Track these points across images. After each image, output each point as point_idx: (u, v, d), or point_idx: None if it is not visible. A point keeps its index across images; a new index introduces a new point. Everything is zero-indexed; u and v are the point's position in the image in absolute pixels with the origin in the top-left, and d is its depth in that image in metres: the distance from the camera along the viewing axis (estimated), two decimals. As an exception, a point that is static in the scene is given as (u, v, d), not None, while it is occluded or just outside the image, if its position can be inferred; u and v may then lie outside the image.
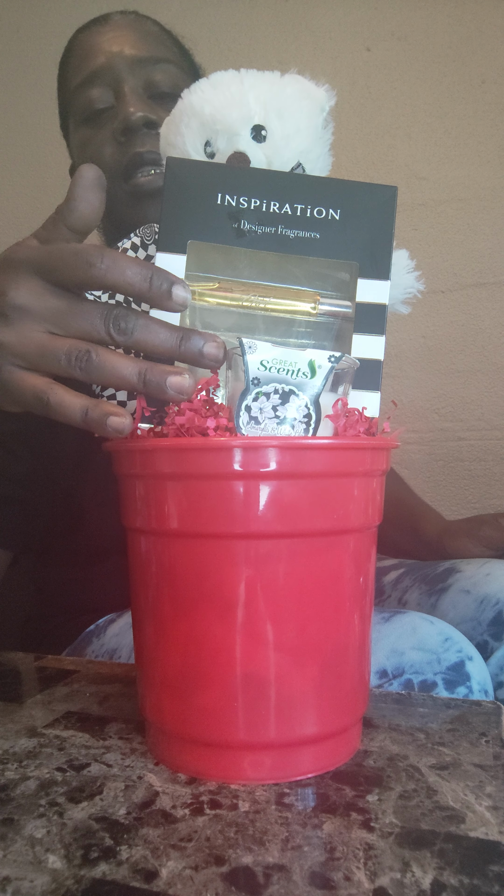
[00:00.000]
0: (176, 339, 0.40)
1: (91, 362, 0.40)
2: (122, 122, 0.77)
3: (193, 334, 0.41)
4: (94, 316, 0.40)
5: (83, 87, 0.81)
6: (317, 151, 0.52)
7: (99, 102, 0.80)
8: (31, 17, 1.43)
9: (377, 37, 1.29)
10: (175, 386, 0.40)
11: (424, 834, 0.35)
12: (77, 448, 0.69)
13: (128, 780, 0.40)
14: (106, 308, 0.40)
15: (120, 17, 0.84)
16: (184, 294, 0.41)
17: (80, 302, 0.41)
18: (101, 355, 0.40)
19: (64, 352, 0.40)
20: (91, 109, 0.81)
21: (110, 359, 0.40)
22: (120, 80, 0.79)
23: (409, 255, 0.51)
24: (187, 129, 0.51)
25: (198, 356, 0.41)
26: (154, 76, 0.80)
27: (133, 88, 0.79)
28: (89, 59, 0.81)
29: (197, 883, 0.31)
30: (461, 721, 0.47)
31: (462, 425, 1.31)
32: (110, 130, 0.79)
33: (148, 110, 0.77)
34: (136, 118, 0.76)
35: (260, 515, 0.38)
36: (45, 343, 0.41)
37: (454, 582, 0.75)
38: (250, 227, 0.47)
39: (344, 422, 0.41)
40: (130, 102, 0.78)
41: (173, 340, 0.40)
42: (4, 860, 0.33)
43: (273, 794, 0.39)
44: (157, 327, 0.40)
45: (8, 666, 0.61)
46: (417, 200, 1.30)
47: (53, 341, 0.40)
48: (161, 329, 0.41)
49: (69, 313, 0.40)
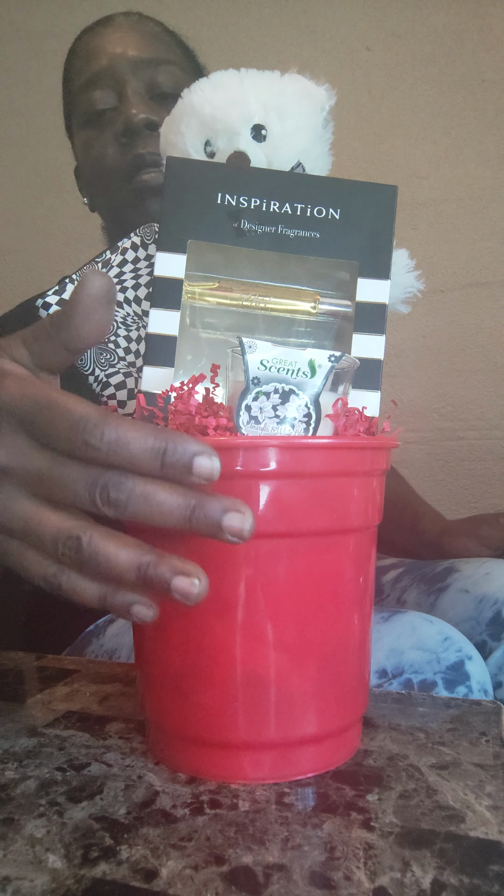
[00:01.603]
0: (186, 511, 0.32)
1: (81, 551, 0.32)
2: (125, 123, 0.77)
3: (210, 502, 0.32)
4: (79, 484, 0.32)
5: (86, 88, 0.81)
6: (317, 151, 0.52)
7: (101, 104, 0.80)
8: (31, 17, 1.43)
9: (377, 36, 1.30)
10: (181, 590, 0.32)
11: (424, 833, 0.35)
12: None
13: (128, 780, 0.40)
14: (93, 474, 0.32)
15: (123, 19, 0.85)
16: (209, 465, 0.31)
17: (62, 465, 0.33)
18: (94, 543, 0.32)
19: (49, 537, 0.33)
20: (94, 110, 0.81)
21: (104, 546, 0.32)
22: (122, 82, 0.79)
23: (409, 255, 0.51)
24: (187, 128, 0.51)
25: (216, 530, 0.32)
26: (157, 77, 0.80)
27: (136, 90, 0.79)
28: (92, 60, 0.82)
29: (197, 883, 0.31)
30: (461, 721, 0.47)
31: (462, 425, 1.31)
32: (112, 132, 0.79)
33: (150, 112, 0.78)
34: (138, 119, 0.76)
35: (260, 515, 0.38)
36: (29, 519, 0.33)
37: (453, 581, 0.75)
38: (250, 226, 0.47)
39: (344, 421, 0.41)
40: (133, 104, 0.78)
41: (182, 512, 0.32)
42: (4, 860, 0.33)
43: (273, 793, 0.39)
44: (162, 496, 0.32)
45: (8, 666, 0.61)
46: (417, 200, 1.30)
47: (38, 519, 0.33)
48: (166, 498, 0.32)
49: (50, 479, 0.33)
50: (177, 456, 0.31)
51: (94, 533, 0.32)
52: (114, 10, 0.86)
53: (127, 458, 0.31)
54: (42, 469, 0.33)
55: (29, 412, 0.33)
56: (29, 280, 1.49)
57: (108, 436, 0.31)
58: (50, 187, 1.44)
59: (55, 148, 0.96)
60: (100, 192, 0.85)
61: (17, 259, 1.51)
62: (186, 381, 0.42)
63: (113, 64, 0.80)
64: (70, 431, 0.32)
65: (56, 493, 0.33)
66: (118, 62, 0.80)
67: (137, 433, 0.31)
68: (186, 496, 0.32)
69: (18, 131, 1.46)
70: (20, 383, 0.34)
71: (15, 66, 1.45)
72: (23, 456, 0.33)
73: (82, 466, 0.32)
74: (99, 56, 0.81)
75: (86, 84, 0.82)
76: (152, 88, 0.81)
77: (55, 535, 0.32)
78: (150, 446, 0.31)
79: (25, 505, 0.33)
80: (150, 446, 0.31)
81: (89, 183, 0.87)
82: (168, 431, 0.32)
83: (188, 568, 0.32)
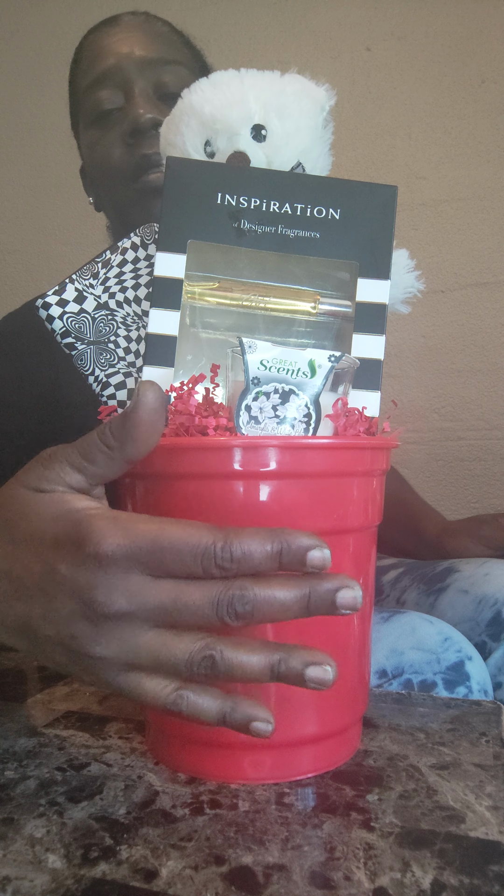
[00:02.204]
0: (304, 601, 0.33)
1: (216, 667, 0.33)
2: (131, 123, 0.77)
3: (322, 585, 0.33)
4: (204, 607, 0.32)
5: (93, 88, 0.81)
6: (317, 151, 0.52)
7: (108, 104, 0.80)
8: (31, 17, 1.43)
9: (377, 37, 1.30)
10: (315, 679, 0.33)
11: (424, 834, 0.35)
12: None
13: (128, 780, 0.40)
14: (216, 593, 0.32)
15: (130, 18, 0.84)
16: (321, 557, 0.32)
17: (182, 592, 0.33)
18: (227, 657, 0.33)
19: (182, 663, 0.33)
20: (100, 110, 0.81)
21: (236, 657, 0.33)
22: (129, 82, 0.79)
23: (409, 255, 0.51)
24: (187, 128, 0.51)
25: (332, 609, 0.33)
26: (163, 77, 0.80)
27: (142, 90, 0.79)
28: (99, 60, 0.81)
29: (197, 883, 0.31)
30: (461, 721, 0.47)
31: (462, 425, 1.31)
32: (119, 132, 0.79)
33: (157, 112, 0.77)
34: (144, 120, 0.76)
35: (260, 515, 0.38)
36: (156, 651, 0.33)
37: (453, 582, 0.75)
38: (250, 226, 0.47)
39: (344, 421, 0.41)
40: (139, 104, 0.78)
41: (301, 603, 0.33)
42: (4, 860, 0.33)
43: (273, 793, 0.39)
44: (281, 595, 0.33)
45: (8, 665, 0.61)
46: (417, 200, 1.30)
47: (166, 648, 0.33)
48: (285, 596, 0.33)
49: (175, 609, 0.33)
50: (292, 554, 0.32)
51: (223, 647, 0.33)
52: (115, 11, 0.86)
53: (252, 569, 0.32)
54: (164, 602, 0.33)
55: (145, 554, 0.33)
56: (29, 280, 1.49)
57: (236, 553, 0.32)
58: (50, 187, 1.44)
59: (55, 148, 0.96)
60: (105, 191, 0.85)
61: (17, 259, 1.51)
62: (186, 381, 0.42)
63: (120, 64, 0.80)
64: (197, 560, 0.32)
65: (180, 619, 0.33)
66: (125, 62, 0.80)
67: (258, 543, 0.32)
68: (301, 586, 0.33)
69: (19, 131, 1.46)
70: (119, 526, 0.33)
71: (15, 65, 1.45)
72: (141, 596, 0.33)
73: (204, 588, 0.33)
74: (106, 56, 0.81)
75: (92, 84, 0.81)
76: (159, 88, 0.80)
77: (188, 660, 0.33)
78: (269, 551, 0.32)
79: (149, 638, 0.33)
80: (270, 551, 0.32)
81: (95, 183, 0.87)
82: (279, 531, 0.33)
83: (317, 657, 0.33)
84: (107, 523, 0.33)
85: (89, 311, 0.62)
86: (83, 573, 0.33)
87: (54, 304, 0.62)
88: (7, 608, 0.35)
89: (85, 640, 0.33)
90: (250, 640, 0.34)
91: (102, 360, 0.62)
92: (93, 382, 0.62)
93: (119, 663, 0.34)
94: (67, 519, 0.34)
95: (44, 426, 0.67)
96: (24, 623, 0.35)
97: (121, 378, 0.61)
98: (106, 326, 0.62)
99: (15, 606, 0.35)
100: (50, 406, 0.69)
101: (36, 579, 0.34)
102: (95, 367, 0.61)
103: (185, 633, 0.34)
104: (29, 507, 0.35)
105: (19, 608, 0.35)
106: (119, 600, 0.33)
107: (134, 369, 0.62)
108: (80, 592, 0.33)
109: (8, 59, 1.45)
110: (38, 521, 0.35)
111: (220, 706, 0.33)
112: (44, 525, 0.34)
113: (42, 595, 0.34)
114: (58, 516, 0.34)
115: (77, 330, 0.61)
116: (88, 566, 0.33)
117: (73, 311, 0.62)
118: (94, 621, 0.33)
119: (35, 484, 0.36)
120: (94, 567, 0.33)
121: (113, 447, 0.35)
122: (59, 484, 0.36)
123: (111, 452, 0.35)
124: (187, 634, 0.33)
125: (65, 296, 0.62)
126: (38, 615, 0.35)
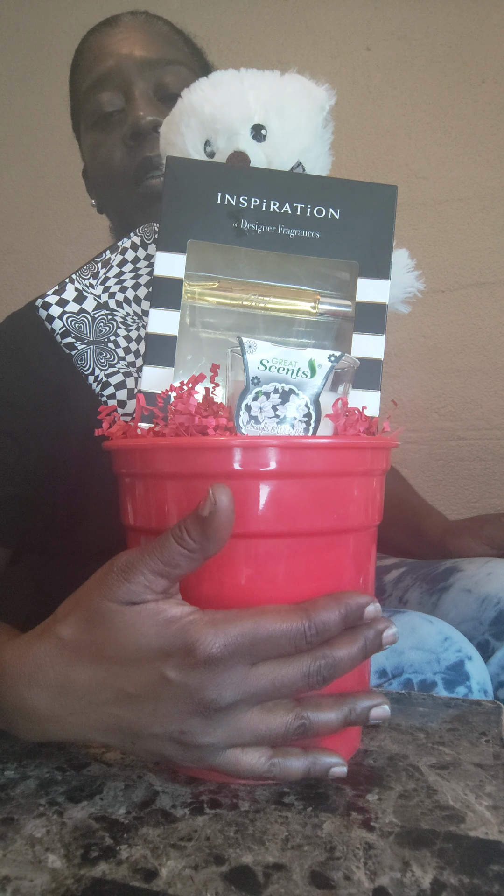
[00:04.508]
0: (363, 652, 0.39)
1: (307, 731, 0.38)
2: (132, 125, 0.77)
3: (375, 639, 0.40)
4: (297, 680, 0.37)
5: (93, 90, 0.81)
6: (317, 151, 0.52)
7: (109, 106, 0.80)
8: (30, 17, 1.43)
9: (377, 36, 1.29)
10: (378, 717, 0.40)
11: (424, 833, 0.35)
12: (82, 447, 0.69)
13: (128, 780, 0.40)
14: (306, 666, 0.37)
15: (130, 19, 0.84)
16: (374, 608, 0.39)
17: (279, 672, 0.37)
18: (314, 721, 0.38)
19: (280, 737, 0.38)
20: (101, 113, 0.80)
21: (321, 718, 0.38)
22: (130, 83, 0.79)
23: (409, 255, 0.51)
24: (187, 128, 0.51)
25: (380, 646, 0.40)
26: (164, 78, 0.80)
27: (143, 91, 0.79)
28: (99, 61, 0.81)
29: (197, 882, 0.31)
30: (461, 721, 0.47)
31: (462, 425, 1.31)
32: (120, 134, 0.79)
33: (157, 114, 0.77)
34: (145, 122, 0.76)
35: (260, 515, 0.38)
36: (254, 727, 0.38)
37: (455, 581, 0.75)
38: (250, 226, 0.47)
39: (344, 421, 0.41)
40: (140, 106, 0.77)
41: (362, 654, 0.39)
42: (4, 859, 0.33)
43: (273, 793, 0.39)
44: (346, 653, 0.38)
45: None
46: (417, 200, 1.30)
47: (265, 723, 0.38)
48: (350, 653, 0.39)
49: (273, 690, 0.37)
50: (355, 614, 0.39)
51: (309, 713, 0.38)
52: (115, 11, 0.86)
53: (330, 636, 0.38)
54: (265, 686, 0.37)
55: (246, 649, 0.36)
56: (29, 280, 1.49)
57: (319, 628, 0.37)
58: (50, 187, 1.44)
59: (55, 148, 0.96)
60: (107, 194, 0.84)
61: (17, 259, 1.51)
62: (186, 381, 0.42)
63: (120, 65, 0.79)
64: (291, 643, 0.37)
65: (277, 695, 0.38)
66: (125, 63, 0.79)
67: (331, 612, 0.38)
68: (357, 639, 0.39)
69: (18, 132, 1.46)
70: (220, 630, 0.36)
71: (15, 66, 1.44)
72: (245, 685, 0.37)
73: (294, 665, 0.37)
74: (106, 57, 0.81)
75: (93, 85, 0.81)
76: (160, 90, 0.80)
77: (285, 732, 0.38)
78: (339, 617, 0.38)
79: (248, 718, 0.38)
80: (339, 617, 0.38)
81: (97, 185, 0.86)
82: (341, 597, 0.39)
83: (375, 699, 0.40)
84: (208, 628, 0.36)
85: (89, 311, 0.62)
86: (194, 676, 0.36)
87: (54, 303, 0.62)
88: (104, 714, 0.38)
89: (195, 733, 0.37)
90: (324, 697, 0.39)
91: (102, 360, 0.62)
92: (93, 382, 0.62)
93: (223, 746, 0.37)
94: (170, 630, 0.37)
95: (49, 427, 0.67)
96: (127, 725, 0.38)
97: (121, 378, 0.61)
98: (106, 326, 0.62)
99: (114, 712, 0.38)
100: (55, 407, 0.69)
101: (141, 687, 0.37)
102: (95, 366, 0.61)
103: (276, 706, 0.38)
104: (123, 622, 0.37)
105: (120, 713, 0.38)
106: (227, 694, 0.36)
107: (134, 369, 0.62)
108: (192, 694, 0.36)
109: (8, 59, 1.45)
110: (136, 636, 0.37)
111: (305, 764, 0.38)
112: (145, 639, 0.37)
113: (151, 700, 0.37)
114: (159, 627, 0.37)
115: (77, 330, 0.61)
116: (199, 670, 0.36)
117: (72, 311, 0.62)
118: (206, 715, 0.36)
119: (124, 598, 0.37)
120: (203, 670, 0.36)
121: (195, 550, 0.37)
122: (148, 594, 0.37)
123: (193, 555, 0.37)
124: (278, 708, 0.38)
125: (65, 295, 0.62)
126: (146, 717, 0.37)
